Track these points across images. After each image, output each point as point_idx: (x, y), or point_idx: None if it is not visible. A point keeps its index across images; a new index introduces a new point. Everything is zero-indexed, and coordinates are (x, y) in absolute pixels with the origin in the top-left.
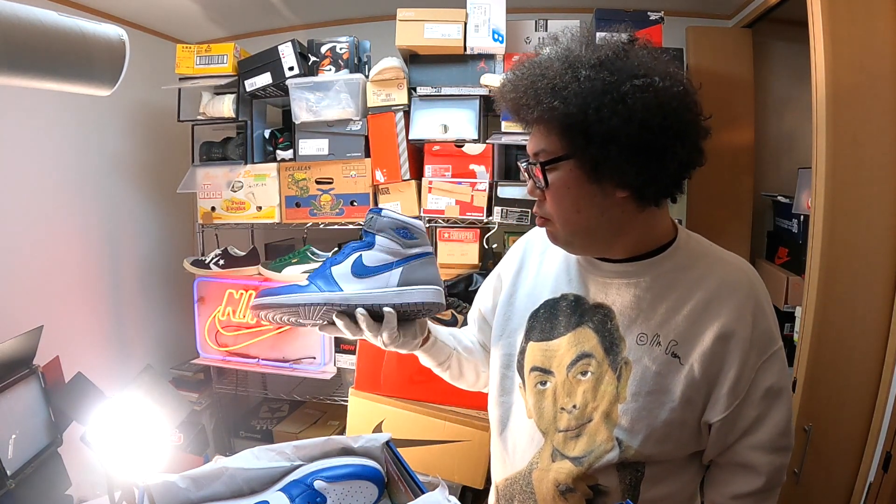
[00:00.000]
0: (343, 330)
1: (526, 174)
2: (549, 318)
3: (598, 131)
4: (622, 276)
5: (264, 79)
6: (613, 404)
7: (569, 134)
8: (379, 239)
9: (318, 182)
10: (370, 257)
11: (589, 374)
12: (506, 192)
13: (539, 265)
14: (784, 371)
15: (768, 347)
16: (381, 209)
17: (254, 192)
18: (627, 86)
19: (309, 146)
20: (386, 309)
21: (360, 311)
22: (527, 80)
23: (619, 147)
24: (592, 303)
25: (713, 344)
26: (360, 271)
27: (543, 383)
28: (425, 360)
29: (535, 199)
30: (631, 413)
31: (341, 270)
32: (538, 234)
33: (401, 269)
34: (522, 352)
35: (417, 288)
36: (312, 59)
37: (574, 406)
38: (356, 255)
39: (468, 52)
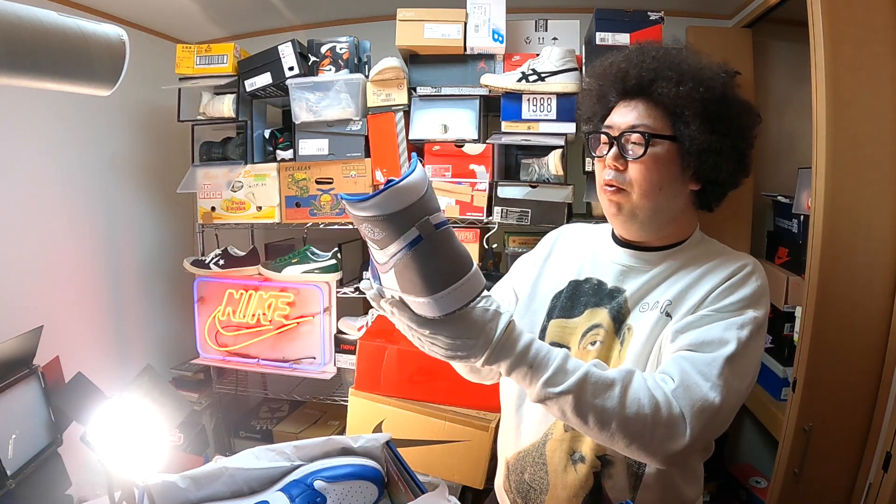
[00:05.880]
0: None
1: (609, 143)
2: (571, 297)
3: (722, 127)
4: (641, 263)
5: (264, 79)
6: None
7: (687, 117)
8: None
9: (318, 182)
10: None
11: (598, 343)
12: (506, 192)
13: (568, 252)
14: (750, 344)
15: (745, 308)
16: None
17: (254, 192)
18: (744, 99)
19: (309, 146)
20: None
21: None
22: (670, 59)
23: (732, 144)
24: (611, 287)
25: (699, 299)
26: None
27: None
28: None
29: (614, 168)
30: None
31: None
32: (571, 229)
33: None
34: (543, 329)
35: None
36: (312, 59)
37: None
38: None
39: (468, 52)
